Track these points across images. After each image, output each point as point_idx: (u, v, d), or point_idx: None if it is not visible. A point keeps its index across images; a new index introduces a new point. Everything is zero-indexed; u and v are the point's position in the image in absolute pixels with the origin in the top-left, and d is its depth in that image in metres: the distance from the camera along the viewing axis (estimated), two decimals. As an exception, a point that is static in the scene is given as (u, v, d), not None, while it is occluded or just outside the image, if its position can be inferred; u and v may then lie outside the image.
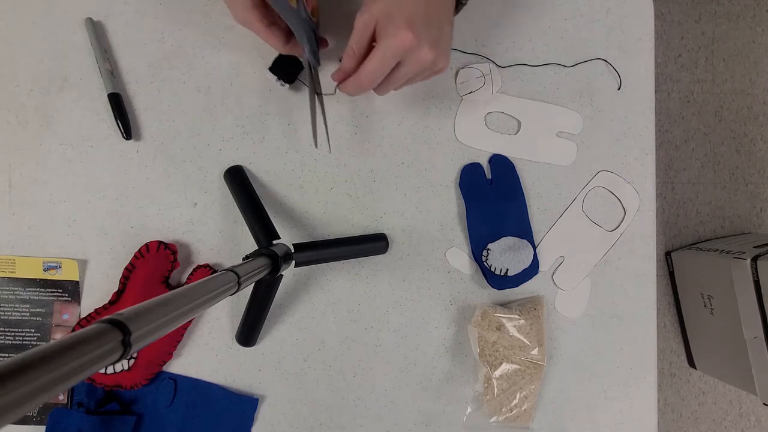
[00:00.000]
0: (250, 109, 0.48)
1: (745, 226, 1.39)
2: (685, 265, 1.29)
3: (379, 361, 0.49)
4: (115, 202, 0.47)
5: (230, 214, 0.48)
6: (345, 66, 0.39)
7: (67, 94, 0.46)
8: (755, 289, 1.04)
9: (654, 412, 0.52)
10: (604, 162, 0.52)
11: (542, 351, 0.48)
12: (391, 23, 0.35)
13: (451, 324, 0.50)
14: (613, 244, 0.52)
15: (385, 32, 0.35)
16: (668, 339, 1.37)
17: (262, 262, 0.34)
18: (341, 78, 0.40)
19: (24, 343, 0.46)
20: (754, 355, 1.09)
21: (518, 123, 0.51)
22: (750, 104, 1.39)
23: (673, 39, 1.36)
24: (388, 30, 0.35)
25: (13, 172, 0.46)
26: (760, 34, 1.38)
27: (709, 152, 1.38)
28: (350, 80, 0.39)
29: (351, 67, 0.38)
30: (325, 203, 0.49)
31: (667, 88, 1.36)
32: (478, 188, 0.50)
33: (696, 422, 1.36)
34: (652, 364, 0.52)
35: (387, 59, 0.36)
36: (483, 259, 0.49)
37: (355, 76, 0.38)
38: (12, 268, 0.46)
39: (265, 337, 0.48)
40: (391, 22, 0.35)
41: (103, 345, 0.17)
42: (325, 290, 0.49)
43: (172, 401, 0.47)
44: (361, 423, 0.49)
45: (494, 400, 0.48)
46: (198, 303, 0.24)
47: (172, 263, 0.45)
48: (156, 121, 0.47)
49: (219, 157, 0.48)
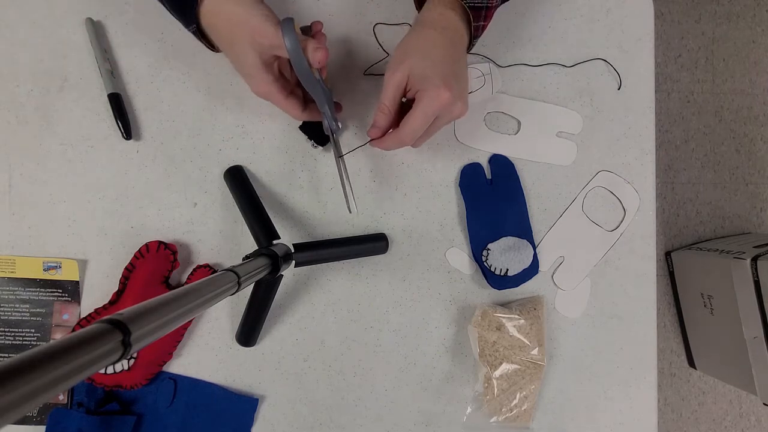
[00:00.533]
0: (250, 109, 0.48)
1: (745, 226, 1.39)
2: (685, 265, 1.29)
3: (379, 361, 0.49)
4: (115, 202, 0.47)
5: (230, 214, 0.48)
6: (379, 123, 0.41)
7: (67, 94, 0.46)
8: (755, 289, 1.04)
9: (654, 412, 0.52)
10: (604, 162, 0.52)
11: (542, 351, 0.48)
12: (428, 83, 0.37)
13: (451, 324, 0.50)
14: (613, 244, 0.52)
15: (425, 92, 0.37)
16: (668, 339, 1.37)
17: (262, 262, 0.34)
18: (378, 135, 0.41)
19: (24, 343, 0.46)
20: (754, 355, 1.09)
21: (518, 123, 0.51)
22: (750, 104, 1.38)
23: (673, 39, 1.36)
24: (428, 90, 0.37)
25: (13, 171, 0.46)
26: (760, 34, 1.38)
27: (709, 152, 1.38)
28: (391, 137, 0.40)
29: (385, 123, 0.40)
30: (325, 203, 0.49)
31: (667, 88, 1.36)
32: (478, 188, 0.50)
33: (696, 422, 1.36)
34: (652, 364, 0.52)
35: (428, 117, 0.38)
36: (483, 259, 0.49)
37: (396, 134, 0.40)
38: (12, 268, 0.46)
39: (265, 337, 0.48)
40: (428, 81, 0.37)
41: (103, 345, 0.17)
42: (325, 290, 0.49)
43: (172, 401, 0.47)
44: (361, 423, 0.49)
45: (494, 400, 0.48)
46: (198, 303, 0.24)
47: (172, 263, 0.45)
48: (156, 121, 0.47)
49: (219, 157, 0.48)
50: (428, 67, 0.37)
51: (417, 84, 0.38)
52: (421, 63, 0.38)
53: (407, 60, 0.38)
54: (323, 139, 0.47)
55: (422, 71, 0.37)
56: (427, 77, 0.37)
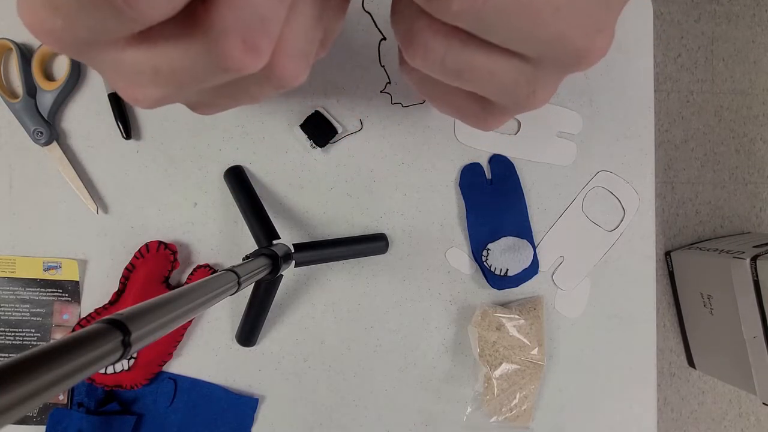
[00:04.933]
0: (250, 109, 0.48)
1: (745, 226, 1.39)
2: (685, 264, 1.30)
3: (379, 361, 0.49)
4: (115, 202, 0.47)
5: (230, 214, 0.48)
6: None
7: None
8: (755, 289, 1.04)
9: (654, 412, 0.52)
10: (603, 162, 0.52)
11: (542, 351, 0.48)
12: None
13: (451, 324, 0.50)
14: (613, 244, 0.52)
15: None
16: (668, 339, 1.37)
17: (262, 262, 0.34)
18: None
19: (24, 343, 0.46)
20: (753, 355, 1.09)
21: (518, 123, 0.51)
22: (750, 104, 1.39)
23: (673, 39, 1.36)
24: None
25: (13, 171, 0.46)
26: (760, 34, 1.38)
27: (708, 152, 1.38)
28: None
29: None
30: (325, 203, 0.49)
31: (667, 88, 1.36)
32: (478, 188, 0.50)
33: (696, 422, 1.36)
34: (652, 364, 0.52)
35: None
36: (483, 259, 0.49)
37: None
38: (12, 268, 0.46)
39: (265, 337, 0.48)
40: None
41: (103, 345, 0.17)
42: (325, 290, 0.49)
43: (172, 401, 0.47)
44: (361, 423, 0.49)
45: (494, 400, 0.48)
46: (198, 303, 0.24)
47: (172, 263, 0.45)
48: (156, 121, 0.47)
49: (219, 157, 0.48)
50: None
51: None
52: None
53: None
54: (323, 139, 0.47)
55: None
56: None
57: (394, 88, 0.49)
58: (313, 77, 0.48)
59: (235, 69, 0.15)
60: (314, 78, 0.48)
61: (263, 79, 0.17)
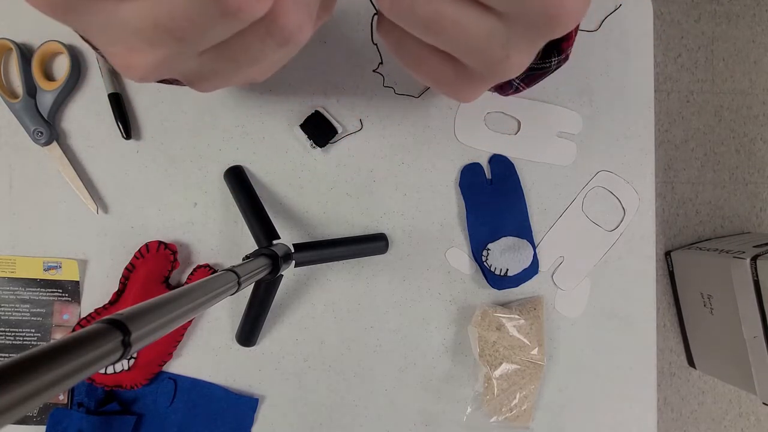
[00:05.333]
0: (250, 109, 0.48)
1: (745, 226, 1.39)
2: (685, 264, 1.30)
3: (379, 361, 0.49)
4: (115, 202, 0.47)
5: (230, 214, 0.48)
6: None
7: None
8: (755, 289, 1.04)
9: (654, 412, 0.52)
10: (603, 162, 0.52)
11: (542, 351, 0.48)
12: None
13: (451, 324, 0.50)
14: (613, 244, 0.52)
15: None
16: (668, 339, 1.37)
17: (262, 262, 0.34)
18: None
19: (24, 343, 0.46)
20: (753, 355, 1.09)
21: (518, 123, 0.51)
22: (750, 104, 1.39)
23: (673, 39, 1.36)
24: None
25: (13, 171, 0.46)
26: (760, 34, 1.38)
27: (708, 152, 1.38)
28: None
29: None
30: (325, 203, 0.49)
31: (667, 87, 1.36)
32: (478, 188, 0.50)
33: (696, 422, 1.36)
34: (652, 364, 0.52)
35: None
36: (483, 259, 0.49)
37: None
38: (12, 268, 0.46)
39: (265, 337, 0.48)
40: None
41: (103, 345, 0.17)
42: (325, 290, 0.49)
43: (172, 401, 0.47)
44: (361, 423, 0.49)
45: (494, 400, 0.48)
46: (198, 303, 0.24)
47: (172, 263, 0.45)
48: (156, 121, 0.47)
49: (219, 157, 0.48)
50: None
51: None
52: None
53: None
54: (323, 139, 0.47)
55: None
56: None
57: (387, 70, 0.49)
58: (313, 77, 0.48)
59: (237, 12, 0.15)
60: (314, 78, 0.48)
61: (265, 33, 0.17)
